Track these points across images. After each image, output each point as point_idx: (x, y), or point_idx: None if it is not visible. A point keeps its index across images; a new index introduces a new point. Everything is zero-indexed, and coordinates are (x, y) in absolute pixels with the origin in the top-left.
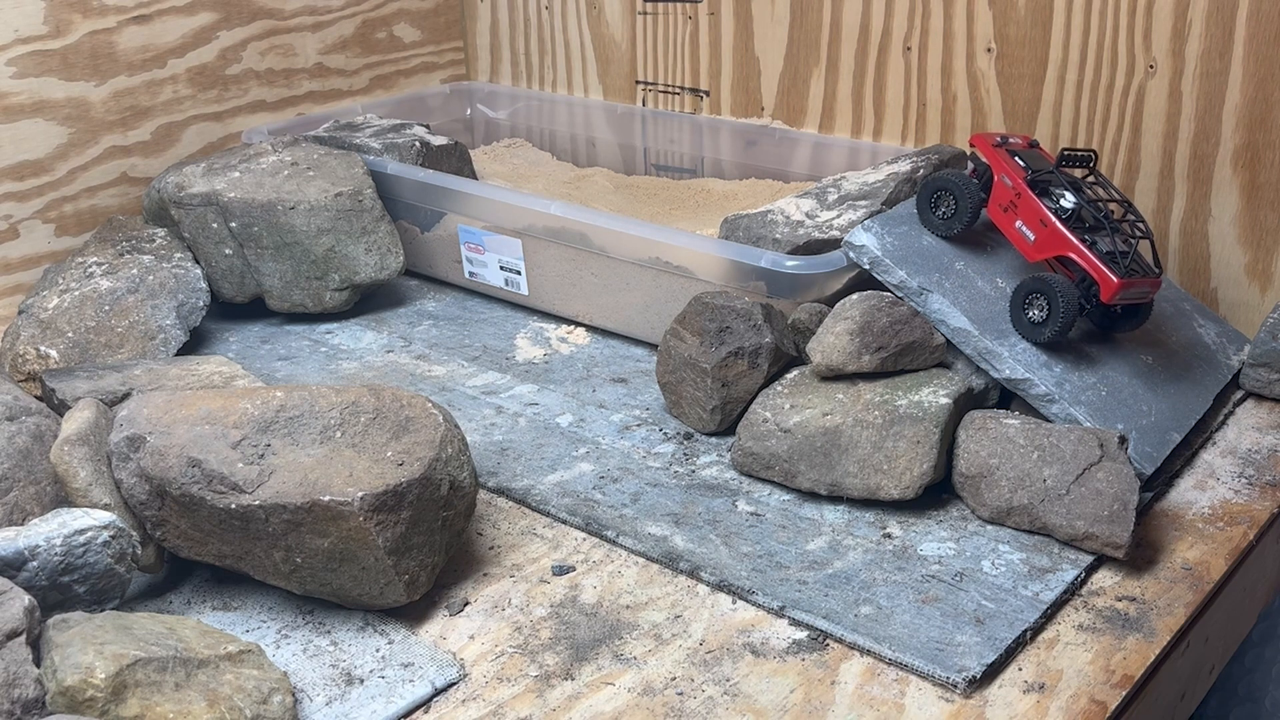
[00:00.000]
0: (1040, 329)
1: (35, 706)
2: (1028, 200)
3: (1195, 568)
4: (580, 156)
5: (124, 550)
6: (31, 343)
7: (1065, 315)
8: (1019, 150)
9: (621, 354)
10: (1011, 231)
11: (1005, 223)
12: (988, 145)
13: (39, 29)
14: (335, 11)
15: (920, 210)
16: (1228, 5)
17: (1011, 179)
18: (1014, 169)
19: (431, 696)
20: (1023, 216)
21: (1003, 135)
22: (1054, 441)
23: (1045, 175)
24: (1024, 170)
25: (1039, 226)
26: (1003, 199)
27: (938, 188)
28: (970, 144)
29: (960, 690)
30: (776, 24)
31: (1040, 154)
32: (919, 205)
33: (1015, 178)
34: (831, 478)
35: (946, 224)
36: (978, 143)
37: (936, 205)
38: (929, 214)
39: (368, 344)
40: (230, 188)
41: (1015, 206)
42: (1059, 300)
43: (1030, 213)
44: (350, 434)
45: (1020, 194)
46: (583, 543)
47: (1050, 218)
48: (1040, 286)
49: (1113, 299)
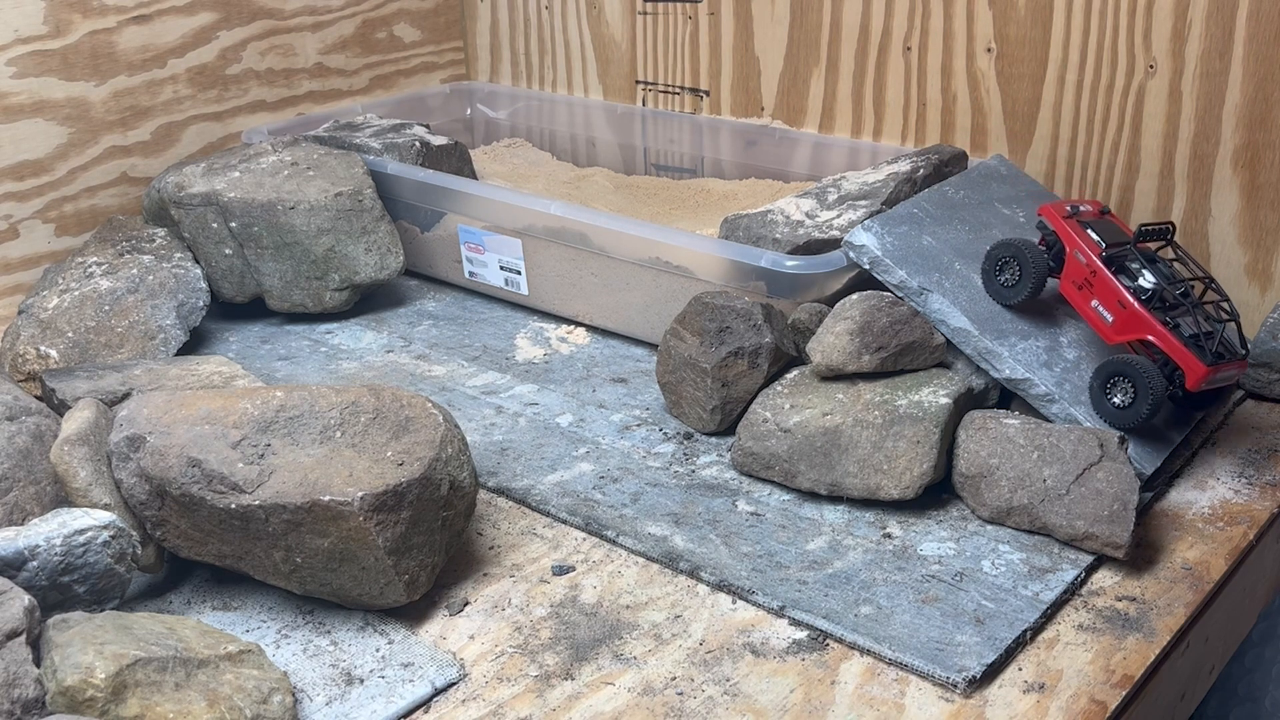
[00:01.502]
0: (1126, 414)
1: (35, 706)
2: (1104, 279)
3: (1195, 568)
4: (580, 156)
5: (124, 550)
6: (31, 343)
7: (1153, 401)
8: (1091, 221)
9: (621, 354)
10: (1087, 311)
11: (1080, 301)
12: (1058, 216)
13: (39, 29)
14: (335, 11)
15: (984, 273)
16: (1228, 5)
17: (1086, 255)
18: (1089, 245)
19: (431, 696)
20: (1099, 296)
21: (1073, 204)
22: (1054, 441)
23: (1122, 251)
24: (1099, 246)
25: (1117, 308)
26: (1077, 276)
27: (1004, 254)
28: (1039, 213)
29: (960, 690)
30: (776, 24)
31: (1113, 222)
32: (984, 268)
33: (1090, 254)
34: (831, 478)
35: (1008, 292)
36: (1047, 214)
37: (1000, 271)
38: (992, 279)
39: (368, 344)
40: (230, 188)
41: (1090, 285)
42: (1145, 386)
43: (1107, 293)
44: (350, 434)
45: (1096, 272)
46: (583, 543)
47: (1130, 299)
48: (1124, 370)
49: (1199, 386)
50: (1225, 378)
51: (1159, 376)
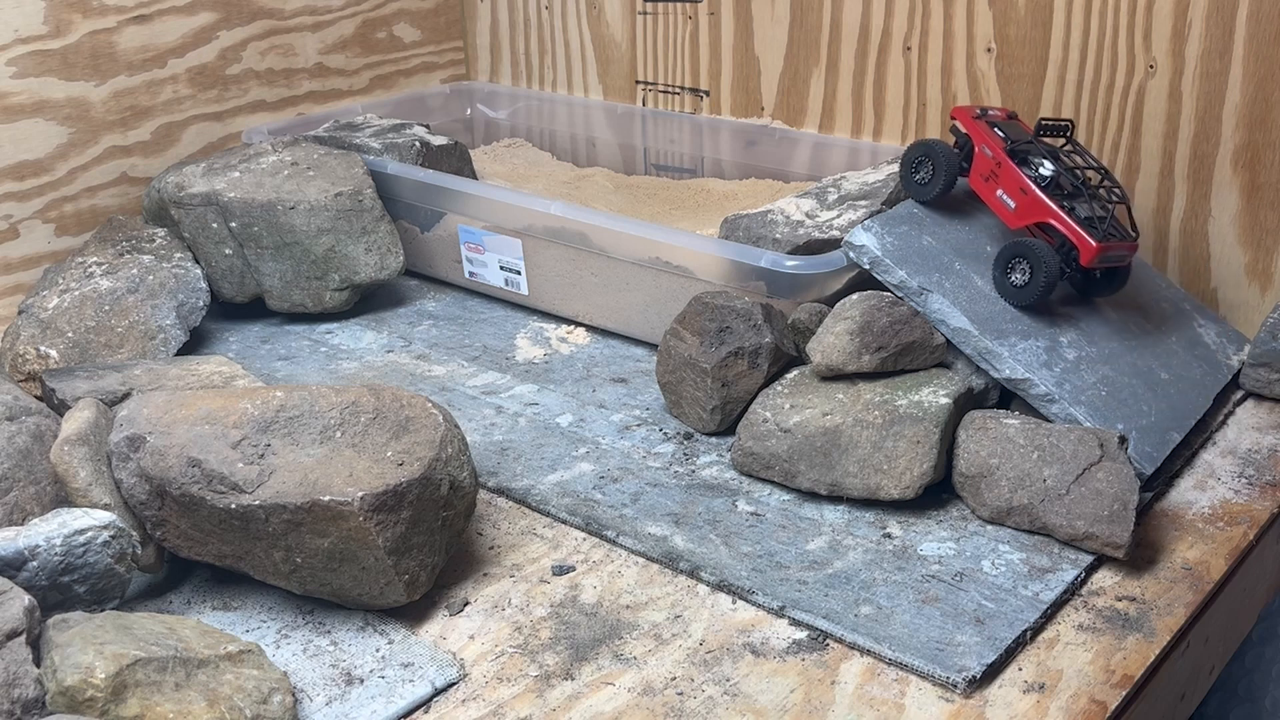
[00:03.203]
0: (1023, 292)
1: (35, 706)
2: (1008, 169)
3: (1195, 568)
4: (580, 156)
5: (124, 550)
6: (31, 343)
7: (1047, 278)
8: (999, 121)
9: (621, 354)
10: (992, 200)
11: (986, 192)
12: (968, 117)
13: (39, 29)
14: (335, 11)
15: (902, 175)
16: (1228, 5)
17: (991, 149)
18: (994, 139)
19: (431, 696)
20: (1003, 185)
21: (982, 107)
22: (1054, 441)
23: (1024, 145)
24: (1003, 140)
25: (1019, 194)
26: (984, 169)
27: (917, 154)
28: (951, 116)
29: (960, 690)
30: (776, 24)
31: (1019, 125)
32: (901, 170)
33: (995, 148)
34: (831, 478)
35: (924, 188)
36: (958, 115)
37: (916, 169)
38: (909, 178)
39: (368, 344)
40: (230, 188)
41: (996, 176)
42: (1040, 264)
43: (1010, 181)
44: (350, 434)
45: (1000, 163)
46: (583, 543)
47: (1030, 185)
48: (1022, 251)
49: (1092, 262)
50: (1117, 256)
51: (1053, 255)
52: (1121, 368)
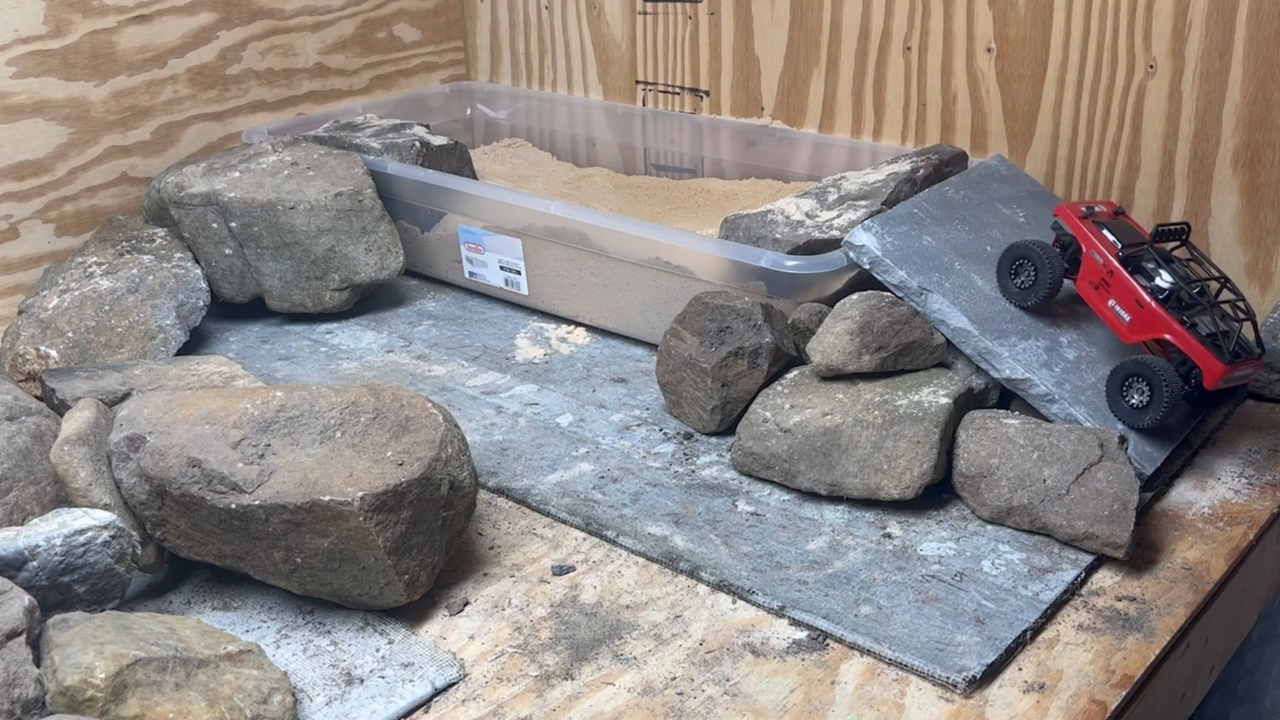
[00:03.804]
0: (1141, 414)
1: (35, 706)
2: (1121, 279)
3: (1195, 568)
4: (580, 156)
5: (124, 550)
6: (31, 343)
7: (1170, 401)
8: (1106, 221)
9: (621, 354)
10: (1104, 311)
11: (1096, 301)
12: (1074, 217)
13: (39, 29)
14: (335, 11)
15: (999, 275)
16: (1228, 5)
17: (1102, 256)
18: (1105, 245)
19: (431, 696)
20: (1116, 296)
21: (1088, 205)
22: (1054, 441)
23: (1139, 251)
24: (1116, 246)
25: (1135, 308)
26: (1093, 276)
27: (1019, 256)
28: (1054, 214)
29: (960, 690)
30: (776, 24)
31: (1128, 223)
32: (998, 270)
33: (1106, 255)
34: (831, 478)
35: (1024, 294)
36: (1063, 214)
37: (1016, 274)
38: (1007, 281)
39: (368, 344)
40: (230, 188)
41: (1107, 285)
42: (1163, 386)
43: (1125, 293)
44: (350, 434)
45: (1113, 272)
46: (583, 543)
47: (1147, 299)
48: (1141, 371)
49: (1216, 384)
50: (1242, 376)
51: (1176, 376)
52: None
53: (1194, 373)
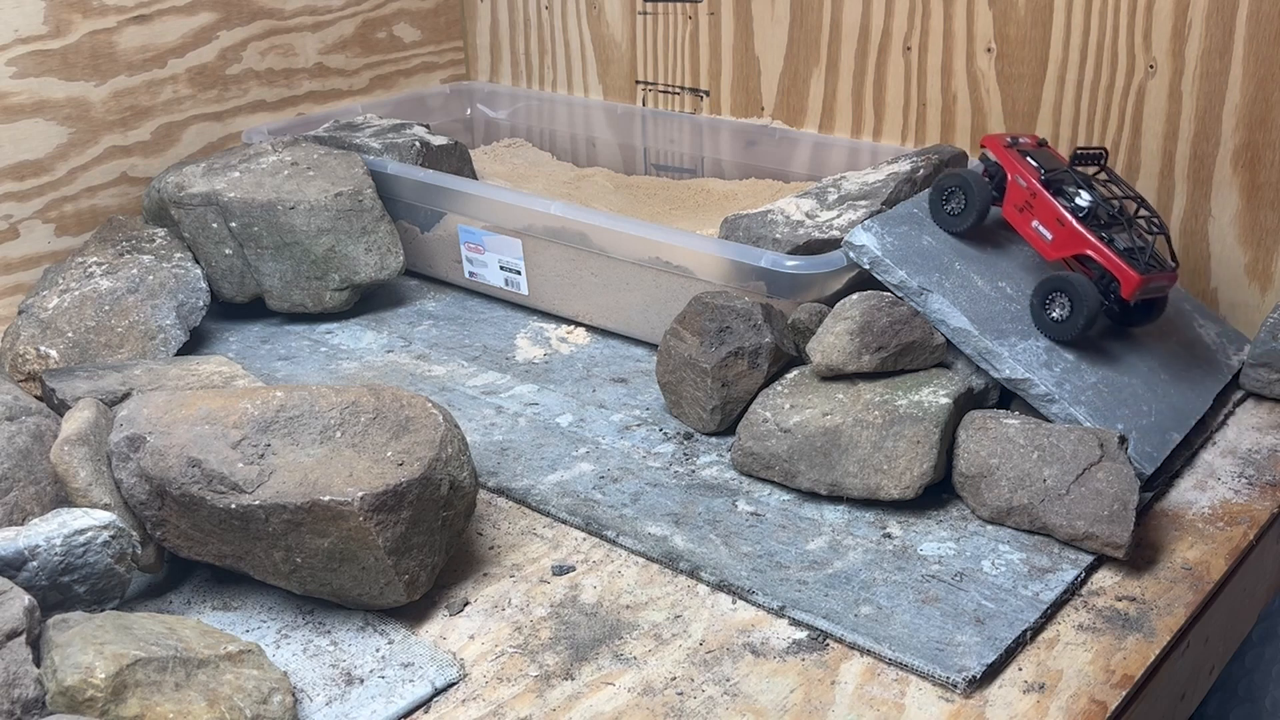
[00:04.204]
0: (1063, 326)
1: (35, 706)
2: (1044, 200)
3: (1195, 568)
4: (580, 156)
5: (124, 550)
6: (31, 343)
7: (1088, 312)
8: (1030, 150)
9: (621, 354)
10: (1028, 231)
11: (1021, 223)
12: (1000, 146)
13: (39, 29)
14: (335, 11)
15: (932, 206)
16: (1228, 5)
17: (1026, 179)
18: (1028, 169)
19: (431, 696)
20: (1039, 216)
21: (1013, 136)
22: (1054, 441)
23: (1060, 174)
24: (1038, 170)
25: (1056, 226)
26: (1018, 199)
27: (950, 184)
28: (981, 145)
29: (960, 690)
30: (776, 24)
31: (1051, 153)
32: (930, 201)
33: (1030, 178)
34: (831, 478)
35: (956, 220)
36: (989, 143)
37: (947, 201)
38: (940, 210)
39: (368, 344)
40: (230, 188)
41: (1031, 207)
42: (1081, 298)
43: (1047, 212)
44: (350, 434)
45: (1036, 194)
46: (583, 543)
47: (1067, 217)
48: (1062, 285)
49: (1133, 295)
50: (1157, 287)
51: (1093, 289)
52: (1121, 368)
53: (1113, 286)
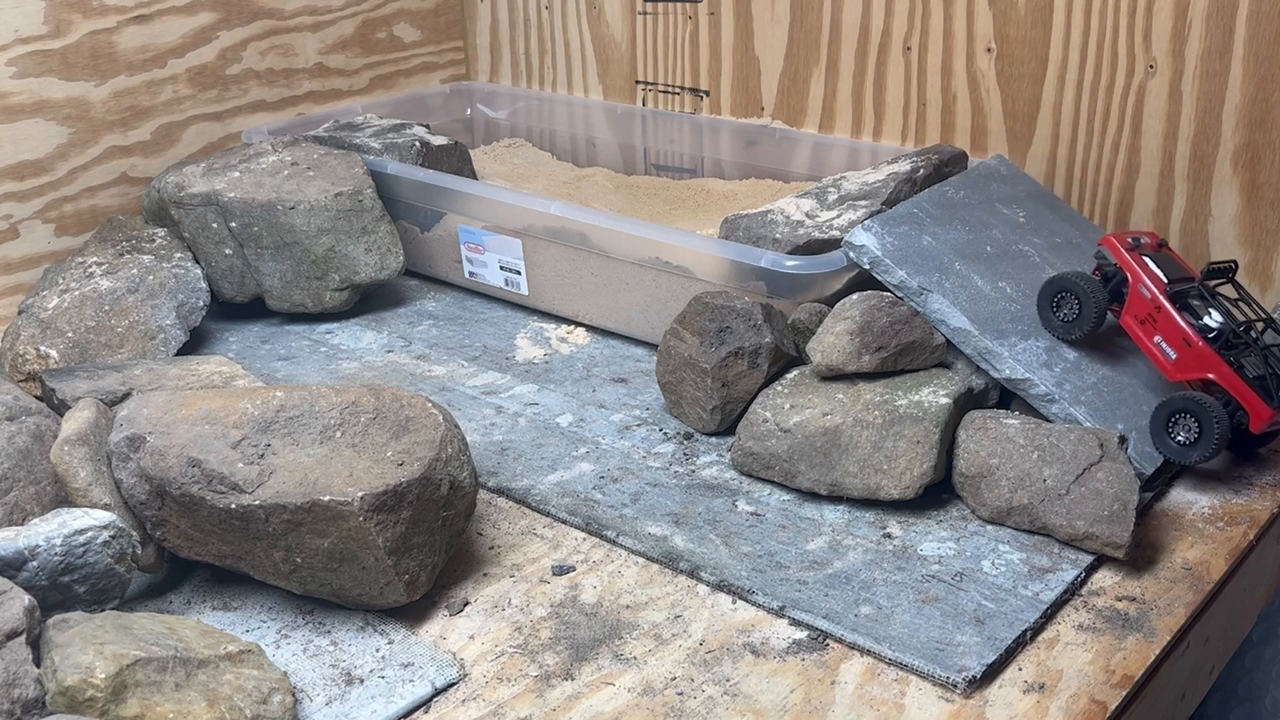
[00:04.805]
0: (1188, 451)
1: (35, 706)
2: (1168, 316)
3: (1195, 568)
4: (580, 156)
5: (124, 550)
6: (31, 343)
7: (1219, 440)
8: (1151, 254)
9: (621, 354)
10: (1148, 346)
11: (1142, 335)
12: (1121, 249)
13: (39, 29)
14: (335, 11)
15: (1040, 308)
16: (1228, 5)
17: (1150, 291)
18: (1153, 280)
19: (431, 696)
20: (1163, 332)
21: (1134, 236)
22: (1054, 441)
23: (1187, 288)
24: (1164, 282)
25: (1182, 346)
26: (1140, 310)
27: (1061, 289)
28: (1100, 244)
29: (960, 690)
30: (776, 24)
31: (1172, 257)
32: (1039, 302)
33: (1155, 291)
34: (831, 478)
35: (1067, 327)
36: (1110, 245)
37: (1058, 307)
38: (1049, 314)
39: (368, 344)
40: (230, 188)
41: (1154, 320)
42: (1213, 425)
43: (1171, 330)
44: (350, 434)
45: (1160, 309)
46: (583, 543)
47: (1195, 338)
48: (1190, 408)
49: (1261, 429)
50: None
51: (1225, 415)
52: (1121, 368)
53: (1239, 416)
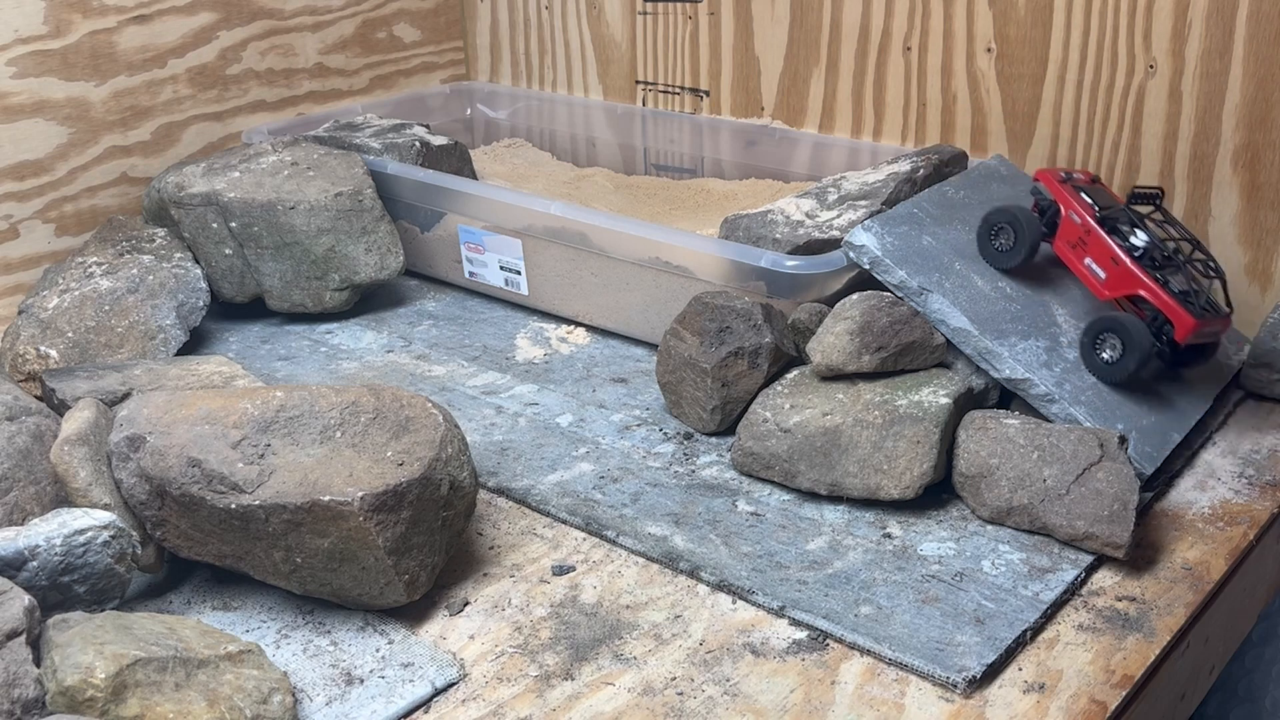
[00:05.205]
0: (1112, 369)
1: (35, 706)
2: (1098, 238)
3: (1195, 568)
4: (580, 156)
5: (124, 550)
6: (31, 343)
7: (1140, 356)
8: (1084, 186)
9: (621, 354)
10: (1080, 269)
11: (1073, 260)
12: (1054, 180)
13: (39, 29)
14: (335, 11)
15: (979, 240)
16: (1228, 5)
17: (1080, 216)
18: (1083, 206)
19: (431, 696)
20: (1093, 254)
21: (1066, 170)
22: (1054, 441)
23: (1115, 212)
24: (1093, 208)
25: (1110, 264)
26: (1071, 236)
27: (999, 220)
28: (1034, 178)
29: (960, 690)
30: (776, 24)
31: (1104, 189)
32: (978, 235)
33: (1084, 215)
34: (831, 478)
35: (1004, 256)
36: (1043, 178)
37: (996, 235)
38: (987, 244)
39: (368, 344)
40: (230, 188)
41: (1084, 244)
42: (1134, 340)
43: (1101, 251)
44: (350, 434)
45: (1090, 231)
46: (583, 543)
47: (1122, 256)
48: (1113, 326)
49: (1187, 339)
50: (1211, 332)
51: (1147, 332)
52: None
53: (1165, 329)
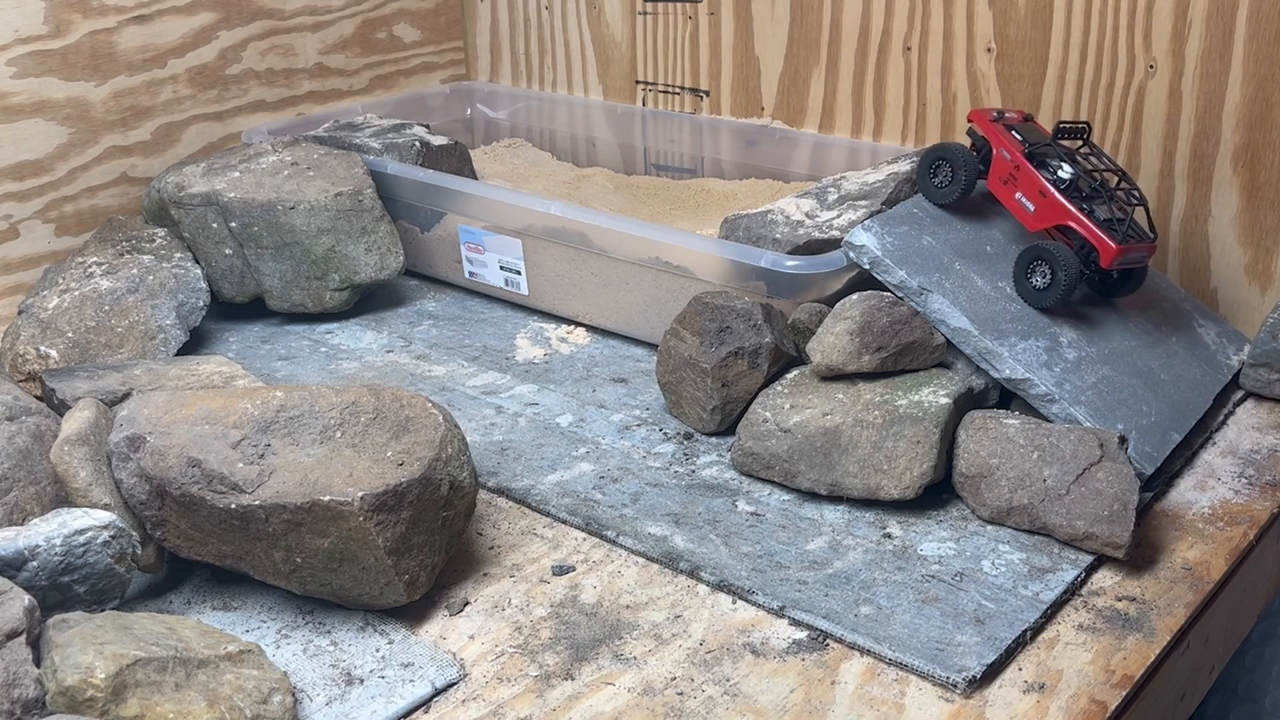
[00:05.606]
0: (1043, 294)
1: (35, 706)
2: (1026, 172)
3: (1195, 568)
4: (580, 156)
5: (124, 550)
6: (31, 343)
7: (1067, 281)
8: (1015, 124)
9: (621, 354)
10: (1011, 203)
11: (1005, 195)
12: (985, 120)
13: (39, 29)
14: (335, 11)
15: (919, 178)
16: (1228, 5)
17: (1010, 152)
18: (1012, 142)
19: (431, 696)
20: (1022, 188)
21: (999, 110)
22: (1054, 441)
23: (1042, 148)
24: (1021, 144)
25: (1038, 197)
26: (1002, 172)
27: (937, 157)
28: (968, 119)
29: (960, 690)
30: (776, 24)
31: (1036, 128)
32: (918, 173)
33: (1013, 151)
34: (831, 478)
35: (943, 192)
36: (975, 117)
37: (935, 173)
38: (927, 181)
39: (368, 344)
40: (230, 188)
41: (1014, 179)
42: (1061, 266)
43: (1029, 184)
44: (350, 434)
45: (1019, 166)
46: (583, 543)
47: (1048, 188)
48: (1042, 254)
49: (1112, 264)
50: (1136, 258)
51: (1074, 258)
52: (1121, 368)
53: (1093, 256)
